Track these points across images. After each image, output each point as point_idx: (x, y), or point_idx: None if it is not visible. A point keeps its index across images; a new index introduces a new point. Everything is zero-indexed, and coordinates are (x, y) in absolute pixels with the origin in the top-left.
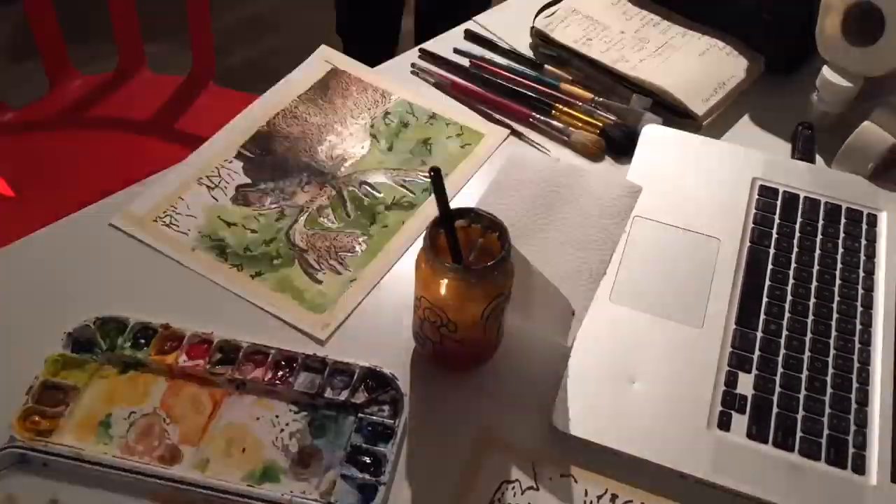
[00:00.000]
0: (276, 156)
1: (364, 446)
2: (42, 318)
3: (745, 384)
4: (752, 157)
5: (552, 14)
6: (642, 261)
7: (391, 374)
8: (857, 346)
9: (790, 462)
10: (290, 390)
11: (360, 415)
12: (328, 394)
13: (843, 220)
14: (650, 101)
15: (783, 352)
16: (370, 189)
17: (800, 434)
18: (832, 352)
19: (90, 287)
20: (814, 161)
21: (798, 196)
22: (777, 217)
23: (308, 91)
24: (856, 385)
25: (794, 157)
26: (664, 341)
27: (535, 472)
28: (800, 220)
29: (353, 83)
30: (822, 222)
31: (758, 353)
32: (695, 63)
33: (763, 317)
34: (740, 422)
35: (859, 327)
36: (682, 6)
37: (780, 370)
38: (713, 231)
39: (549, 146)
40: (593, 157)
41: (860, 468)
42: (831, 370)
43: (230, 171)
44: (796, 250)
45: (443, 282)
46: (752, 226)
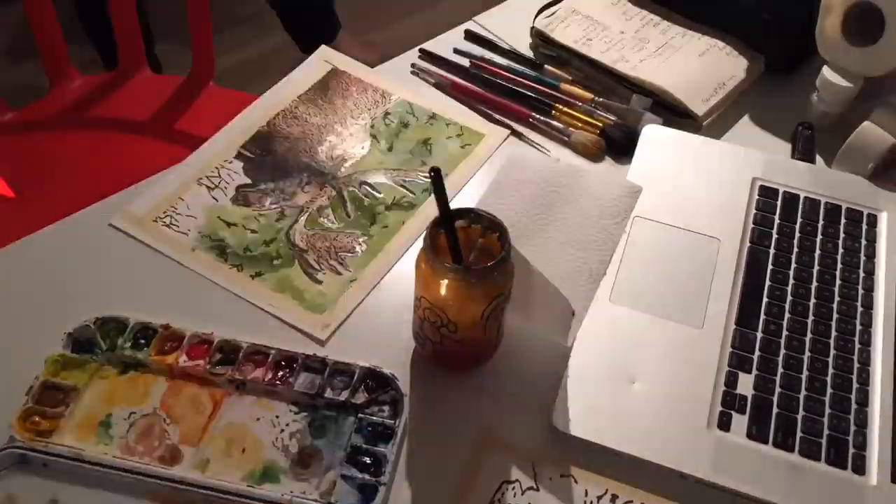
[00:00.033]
0: (277, 156)
1: (364, 446)
2: (42, 318)
3: (745, 384)
4: (752, 157)
5: (552, 14)
6: (642, 261)
7: (391, 375)
8: (858, 346)
9: (790, 462)
10: (291, 390)
11: (361, 415)
12: (328, 394)
13: (843, 220)
14: (650, 102)
15: (783, 352)
16: (370, 189)
17: (800, 434)
18: (832, 352)
19: (90, 287)
20: (814, 161)
21: (798, 196)
22: (777, 217)
23: (308, 91)
24: (856, 385)
25: (794, 157)
26: (664, 341)
27: (535, 473)
28: (800, 220)
29: (353, 83)
30: (822, 222)
31: (758, 353)
32: (695, 63)
33: (763, 317)
34: (740, 422)
35: (859, 327)
36: (682, 6)
37: (781, 370)
38: (713, 231)
39: (549, 146)
40: (593, 157)
41: (860, 468)
42: (831, 370)
43: (230, 171)
44: (796, 250)
45: (443, 282)
46: (752, 226)
